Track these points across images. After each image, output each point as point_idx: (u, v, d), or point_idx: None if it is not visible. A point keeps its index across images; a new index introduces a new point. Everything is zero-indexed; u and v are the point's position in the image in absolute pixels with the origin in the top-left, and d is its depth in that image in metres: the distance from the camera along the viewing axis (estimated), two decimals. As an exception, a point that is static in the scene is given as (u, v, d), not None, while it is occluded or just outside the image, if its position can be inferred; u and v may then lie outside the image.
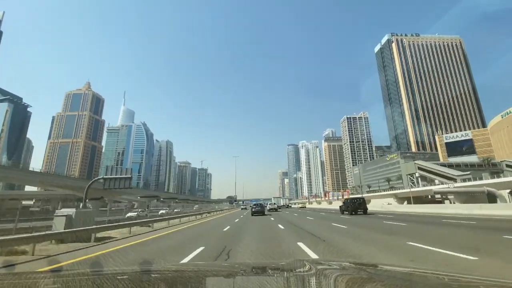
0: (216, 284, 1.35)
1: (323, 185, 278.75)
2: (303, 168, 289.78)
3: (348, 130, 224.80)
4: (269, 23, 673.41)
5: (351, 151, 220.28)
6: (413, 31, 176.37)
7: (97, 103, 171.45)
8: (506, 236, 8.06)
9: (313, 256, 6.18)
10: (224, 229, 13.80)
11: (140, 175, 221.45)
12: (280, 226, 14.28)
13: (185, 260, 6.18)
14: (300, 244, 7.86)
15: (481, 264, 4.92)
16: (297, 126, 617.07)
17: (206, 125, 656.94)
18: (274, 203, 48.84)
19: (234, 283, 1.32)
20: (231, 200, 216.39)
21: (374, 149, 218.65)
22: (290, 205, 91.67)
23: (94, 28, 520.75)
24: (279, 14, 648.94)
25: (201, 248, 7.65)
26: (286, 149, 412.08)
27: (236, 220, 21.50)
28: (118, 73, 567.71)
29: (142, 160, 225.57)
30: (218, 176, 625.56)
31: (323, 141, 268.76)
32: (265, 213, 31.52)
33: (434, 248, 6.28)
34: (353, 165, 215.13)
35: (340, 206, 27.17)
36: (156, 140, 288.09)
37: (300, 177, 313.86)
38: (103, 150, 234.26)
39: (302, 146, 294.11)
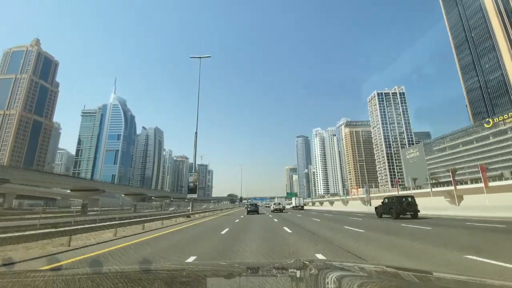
0: (216, 284, 1.33)
1: (342, 181, 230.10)
2: (317, 161, 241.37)
3: (380, 110, 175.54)
4: (272, 13, 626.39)
5: (384, 136, 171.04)
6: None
7: (46, 66, 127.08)
8: None
9: None
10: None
11: (116, 166, 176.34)
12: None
13: None
14: None
15: None
16: (306, 119, 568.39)
17: (206, 121, 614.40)
18: (279, 203, 40.97)
19: (235, 283, 1.29)
20: (233, 198, 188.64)
21: (413, 134, 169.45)
22: (303, 206, 58.14)
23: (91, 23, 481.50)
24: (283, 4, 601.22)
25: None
26: (294, 142, 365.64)
27: (223, 232, 11.50)
28: (109, 60, 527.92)
29: (118, 147, 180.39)
30: (220, 174, 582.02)
31: (342, 127, 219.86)
32: (259, 212, 33.26)
33: None
34: (389, 153, 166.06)
35: (376, 208, 21.05)
36: (143, 128, 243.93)
37: (313, 172, 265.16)
38: (78, 137, 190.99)
39: (316, 135, 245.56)
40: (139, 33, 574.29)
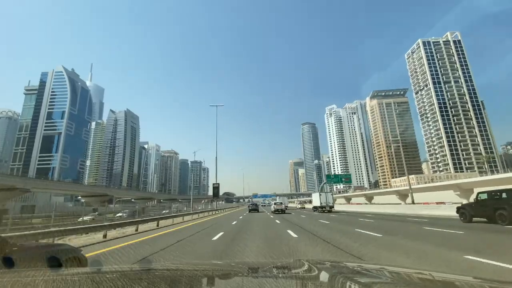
0: (216, 284, 1.32)
1: (367, 170, 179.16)
2: (333, 147, 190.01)
3: (428, 65, 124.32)
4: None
5: (438, 100, 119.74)
6: None
7: None
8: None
9: None
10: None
11: (56, 156, 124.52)
12: None
13: None
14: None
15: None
16: (309, 109, 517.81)
17: (204, 120, 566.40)
18: (281, 203, 35.02)
19: (235, 283, 1.29)
20: (229, 197, 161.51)
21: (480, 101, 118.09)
22: (333, 206, 32.94)
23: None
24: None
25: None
26: (300, 130, 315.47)
27: None
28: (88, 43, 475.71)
29: (61, 129, 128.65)
30: (219, 173, 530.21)
31: (367, 99, 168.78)
32: (259, 210, 38.06)
33: None
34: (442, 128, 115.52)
35: (460, 208, 14.28)
36: (111, 111, 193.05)
37: (327, 162, 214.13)
38: (19, 122, 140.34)
39: (330, 114, 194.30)
40: (131, 24, 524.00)
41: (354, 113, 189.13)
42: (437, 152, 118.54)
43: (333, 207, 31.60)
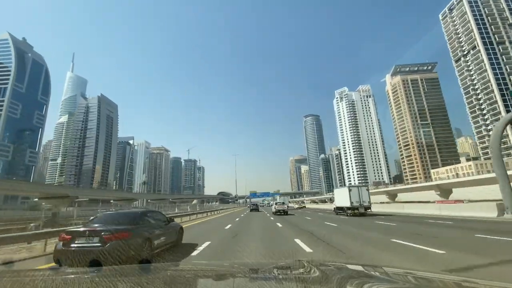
0: (216, 284, 1.32)
1: (386, 162, 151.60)
2: (346, 136, 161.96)
3: (475, 22, 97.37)
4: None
5: (492, 67, 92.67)
6: None
7: None
8: None
9: None
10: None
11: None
12: None
13: None
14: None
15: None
16: (313, 98, 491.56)
17: (200, 120, 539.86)
18: (282, 202, 33.20)
19: (234, 283, 1.29)
20: (225, 197, 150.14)
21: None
22: (370, 206, 21.65)
23: None
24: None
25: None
26: (302, 123, 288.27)
27: None
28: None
29: (1, 111, 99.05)
30: (218, 174, 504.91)
31: (388, 76, 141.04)
32: (259, 210, 41.00)
33: None
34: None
35: None
36: (82, 97, 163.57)
37: (337, 154, 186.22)
38: None
39: (342, 98, 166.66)
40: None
41: (369, 96, 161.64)
42: (491, 134, 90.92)
43: (369, 208, 22.09)
